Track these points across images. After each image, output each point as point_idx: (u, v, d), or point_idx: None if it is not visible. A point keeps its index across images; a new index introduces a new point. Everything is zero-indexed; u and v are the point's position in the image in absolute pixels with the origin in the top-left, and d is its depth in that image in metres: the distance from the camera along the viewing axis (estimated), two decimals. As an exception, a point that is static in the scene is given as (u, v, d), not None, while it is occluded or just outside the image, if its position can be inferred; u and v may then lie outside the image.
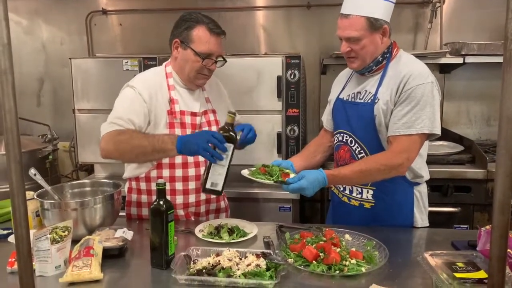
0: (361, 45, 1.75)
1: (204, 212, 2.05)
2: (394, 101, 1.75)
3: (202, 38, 1.87)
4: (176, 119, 1.93)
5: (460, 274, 1.25)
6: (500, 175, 0.89)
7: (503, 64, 0.86)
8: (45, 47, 3.68)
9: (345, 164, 1.86)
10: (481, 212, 2.63)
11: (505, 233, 0.90)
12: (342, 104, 1.93)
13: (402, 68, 1.77)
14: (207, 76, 1.96)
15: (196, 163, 1.96)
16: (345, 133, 1.89)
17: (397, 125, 1.73)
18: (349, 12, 1.73)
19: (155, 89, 1.93)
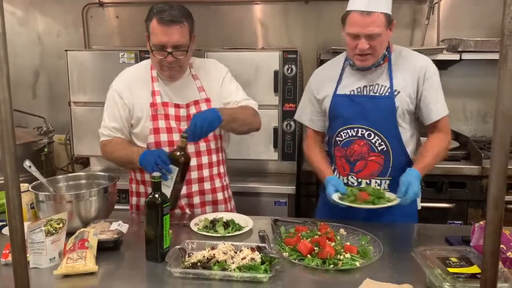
0: (379, 40, 1.77)
1: (198, 204, 2.02)
2: (416, 91, 1.86)
3: (153, 30, 1.83)
4: (159, 111, 1.93)
5: (453, 269, 1.26)
6: (495, 171, 0.89)
7: (499, 60, 0.86)
8: (41, 39, 3.66)
9: (361, 158, 1.90)
10: (475, 208, 2.65)
11: (498, 228, 0.90)
12: (349, 99, 1.91)
13: (413, 59, 1.89)
14: (171, 68, 1.88)
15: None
16: (359, 127, 1.88)
17: (437, 109, 1.87)
18: (370, 9, 1.72)
19: (137, 83, 1.97)
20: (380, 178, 1.91)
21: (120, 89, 1.98)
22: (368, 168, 1.90)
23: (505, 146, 0.88)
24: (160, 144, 1.93)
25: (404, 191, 1.69)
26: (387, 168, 1.89)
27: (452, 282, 1.20)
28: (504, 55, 0.86)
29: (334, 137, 1.97)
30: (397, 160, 1.88)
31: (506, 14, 0.85)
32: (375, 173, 1.91)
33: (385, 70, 1.88)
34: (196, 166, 1.97)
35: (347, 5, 1.81)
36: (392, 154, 1.88)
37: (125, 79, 2.01)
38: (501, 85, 0.86)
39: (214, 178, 2.03)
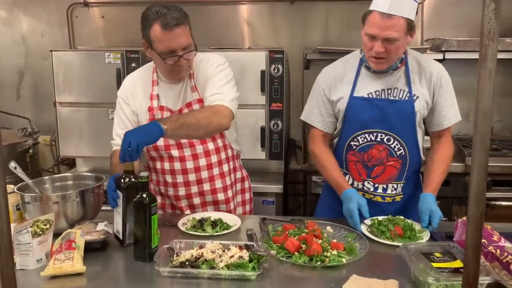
0: (396, 46, 1.72)
1: (199, 204, 2.02)
2: (432, 97, 1.86)
3: (158, 37, 1.74)
4: (156, 115, 1.91)
5: (437, 264, 1.29)
6: (475, 167, 0.92)
7: (479, 59, 0.88)
8: (25, 39, 3.61)
9: (379, 163, 1.88)
10: (460, 205, 2.70)
11: (479, 223, 0.93)
12: (368, 103, 1.86)
13: (426, 64, 1.87)
14: (181, 70, 1.85)
15: (182, 158, 1.95)
16: (378, 132, 1.86)
17: (448, 116, 1.88)
18: (393, 12, 1.65)
19: (138, 87, 1.96)
20: (397, 182, 1.91)
21: (124, 97, 1.97)
22: (386, 173, 1.90)
23: (485, 144, 0.90)
24: (158, 148, 1.93)
25: (427, 220, 1.68)
26: (403, 172, 1.90)
27: (435, 276, 1.23)
28: (483, 54, 0.88)
29: (348, 142, 1.91)
30: (412, 164, 1.90)
31: (485, 14, 0.87)
32: (392, 178, 1.90)
33: (403, 74, 1.86)
34: (193, 169, 1.96)
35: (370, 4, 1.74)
36: (409, 158, 1.89)
37: (128, 86, 1.99)
38: (481, 84, 0.89)
39: (214, 179, 2.00)
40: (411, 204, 1.91)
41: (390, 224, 1.69)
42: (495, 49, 0.88)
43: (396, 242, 1.60)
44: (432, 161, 1.89)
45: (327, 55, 2.94)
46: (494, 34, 0.88)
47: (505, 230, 1.55)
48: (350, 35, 3.23)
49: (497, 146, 2.98)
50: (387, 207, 1.91)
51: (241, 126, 2.74)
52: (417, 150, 1.90)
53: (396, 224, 1.69)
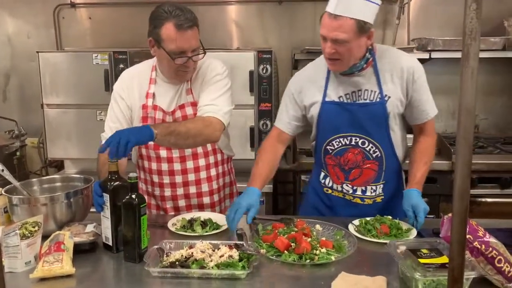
0: (347, 47, 1.68)
1: (184, 207, 2.02)
2: (406, 93, 1.82)
3: (171, 36, 1.73)
4: (149, 114, 1.91)
5: (424, 260, 1.31)
6: (459, 163, 0.93)
7: (462, 58, 0.90)
8: (11, 40, 3.58)
9: (356, 167, 1.88)
10: (447, 202, 2.73)
11: (464, 218, 0.94)
12: (339, 107, 1.84)
13: (397, 60, 1.82)
14: (186, 72, 1.84)
15: (170, 159, 1.95)
16: (352, 135, 1.85)
17: (427, 110, 1.86)
18: (339, 12, 1.63)
19: (134, 83, 1.94)
20: (376, 184, 1.91)
21: (120, 91, 1.95)
22: (364, 176, 1.89)
23: (469, 140, 0.92)
24: (148, 146, 1.93)
25: (412, 216, 1.69)
26: (381, 174, 1.89)
27: (422, 272, 1.24)
28: (466, 53, 0.90)
29: (325, 146, 1.91)
30: (389, 165, 1.89)
31: (467, 14, 0.90)
32: (370, 180, 1.90)
33: (372, 74, 1.82)
34: (180, 171, 1.96)
35: None
36: (386, 159, 1.87)
37: (125, 81, 1.97)
38: (463, 82, 0.91)
39: (201, 182, 2.00)
40: (393, 204, 1.90)
41: (376, 223, 1.71)
42: (477, 48, 0.90)
43: (382, 240, 1.62)
44: (414, 153, 1.90)
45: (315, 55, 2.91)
46: (476, 33, 0.90)
47: (490, 226, 1.58)
48: (338, 35, 3.25)
49: (483, 143, 3.03)
50: (367, 209, 1.91)
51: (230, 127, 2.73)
52: (393, 150, 1.88)
53: (383, 223, 1.71)
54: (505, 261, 1.27)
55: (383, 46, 1.91)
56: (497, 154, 2.83)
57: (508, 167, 2.68)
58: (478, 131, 3.38)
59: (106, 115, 2.00)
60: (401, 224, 1.72)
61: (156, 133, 1.62)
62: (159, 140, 1.66)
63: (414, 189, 1.78)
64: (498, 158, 2.75)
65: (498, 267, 1.27)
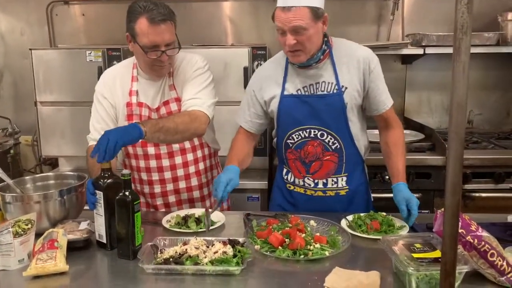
0: (308, 35, 1.71)
1: (174, 202, 2.03)
2: (363, 84, 1.84)
3: (143, 30, 1.75)
4: (134, 111, 1.92)
5: (417, 255, 1.31)
6: (451, 158, 0.94)
7: (453, 53, 0.90)
8: (4, 38, 3.56)
9: (316, 159, 1.88)
10: (441, 198, 2.74)
11: (456, 212, 0.95)
12: (298, 100, 1.86)
13: (353, 52, 1.85)
14: (162, 66, 1.85)
15: (158, 155, 1.96)
16: (311, 128, 1.86)
17: (383, 100, 1.88)
18: (291, 4, 1.67)
19: (116, 82, 1.95)
20: (337, 176, 1.91)
21: (100, 89, 1.96)
22: (324, 168, 1.90)
23: (460, 135, 0.92)
24: (135, 144, 1.92)
25: (405, 210, 1.70)
26: (341, 165, 1.90)
27: (416, 266, 1.25)
28: (457, 47, 0.90)
29: (285, 140, 1.93)
30: (349, 156, 1.90)
31: (458, 9, 0.89)
32: (331, 172, 1.91)
33: (329, 66, 1.84)
34: (169, 166, 1.97)
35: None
36: (345, 151, 1.88)
37: (106, 80, 1.98)
38: (455, 77, 0.91)
39: (190, 177, 2.02)
40: (357, 196, 1.91)
41: (367, 219, 1.72)
42: (468, 42, 0.90)
43: (372, 236, 1.63)
44: (387, 146, 1.91)
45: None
46: (467, 28, 0.89)
47: (484, 221, 1.59)
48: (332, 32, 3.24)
49: (477, 139, 3.04)
50: (330, 201, 1.92)
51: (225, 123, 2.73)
52: (352, 141, 1.89)
53: (374, 219, 1.72)
54: (498, 255, 1.28)
55: (338, 39, 1.92)
56: (491, 149, 2.84)
57: (502, 162, 2.69)
58: (472, 127, 3.39)
59: None
60: (393, 221, 1.72)
61: (145, 131, 1.61)
62: (148, 137, 1.65)
63: (402, 182, 1.80)
64: (492, 153, 2.76)
65: (490, 261, 1.28)
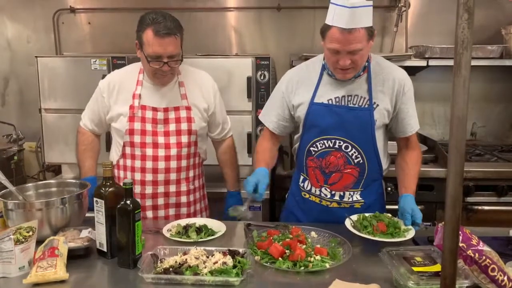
0: (361, 55, 1.73)
1: (162, 205, 2.07)
2: (394, 104, 1.86)
3: (149, 41, 1.87)
4: (136, 113, 1.99)
5: (418, 268, 1.31)
6: (452, 172, 0.94)
7: (454, 67, 0.91)
8: (11, 45, 3.59)
9: (336, 170, 1.88)
10: (443, 210, 2.71)
11: (456, 227, 0.95)
12: (327, 109, 1.86)
13: (390, 71, 1.88)
14: (164, 76, 1.96)
15: (155, 157, 2.02)
16: (337, 138, 1.85)
17: (411, 124, 1.91)
18: (352, 26, 1.64)
19: (121, 84, 2.04)
20: (354, 190, 1.91)
21: (103, 89, 2.06)
22: (343, 180, 1.89)
23: (461, 149, 0.92)
24: (134, 145, 2.01)
25: (410, 219, 1.70)
26: (361, 180, 1.89)
27: (416, 280, 1.24)
28: (458, 62, 0.91)
29: (308, 147, 1.92)
30: (370, 173, 1.89)
31: (459, 24, 0.90)
32: (349, 186, 1.90)
33: (365, 81, 1.85)
34: (164, 169, 2.03)
35: (326, 16, 1.71)
36: (368, 167, 1.87)
37: (110, 80, 2.07)
38: (455, 91, 0.92)
39: (180, 182, 2.08)
40: (371, 210, 1.88)
41: (373, 220, 1.71)
42: (468, 57, 0.90)
43: (377, 238, 1.62)
44: (406, 164, 1.92)
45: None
46: (468, 43, 0.90)
47: (486, 234, 1.59)
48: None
49: (480, 151, 3.03)
50: (344, 213, 1.88)
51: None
52: (377, 158, 1.89)
53: (380, 221, 1.70)
54: (499, 270, 1.27)
55: (377, 56, 1.94)
56: (494, 162, 2.83)
57: (505, 175, 2.68)
58: (476, 139, 3.38)
59: None
60: (399, 223, 1.71)
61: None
62: None
63: (411, 194, 1.80)
64: (495, 166, 2.75)
65: (491, 276, 1.27)
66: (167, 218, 2.09)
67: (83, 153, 2.15)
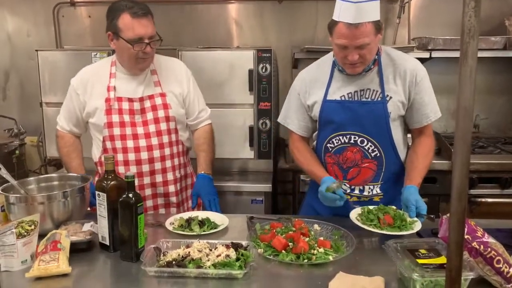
0: (369, 49, 1.72)
1: (150, 196, 2.07)
2: (408, 95, 1.84)
3: (127, 25, 1.89)
4: (113, 106, 2.00)
5: (422, 260, 1.30)
6: (457, 163, 0.92)
7: (460, 57, 0.89)
8: (11, 38, 3.58)
9: (354, 165, 1.88)
10: (447, 202, 2.72)
11: (462, 219, 0.94)
12: (340, 105, 1.86)
13: (401, 62, 1.85)
14: (146, 59, 1.97)
15: (137, 149, 2.02)
16: (352, 134, 1.85)
17: (427, 113, 1.87)
18: (359, 20, 1.64)
19: (94, 79, 2.05)
20: (373, 183, 1.90)
21: (76, 86, 2.06)
22: (362, 175, 1.89)
23: (467, 140, 0.91)
24: (114, 138, 2.01)
25: (415, 210, 1.67)
26: (380, 174, 1.89)
27: (420, 272, 1.23)
28: (464, 52, 0.89)
29: (325, 144, 1.92)
30: (389, 165, 1.89)
31: (466, 12, 0.88)
32: (368, 180, 1.89)
33: (376, 74, 1.84)
34: (147, 160, 2.03)
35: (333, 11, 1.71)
36: (385, 160, 1.87)
37: (83, 76, 2.08)
38: (462, 81, 0.90)
39: (166, 171, 2.08)
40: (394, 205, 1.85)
41: (380, 213, 1.70)
42: (475, 46, 0.89)
43: (385, 231, 1.60)
44: (416, 155, 1.88)
45: (315, 54, 2.94)
46: (475, 32, 0.88)
47: (490, 226, 1.58)
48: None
49: (483, 143, 3.01)
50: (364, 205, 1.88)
51: (229, 126, 2.74)
52: (394, 150, 1.88)
53: (386, 213, 1.69)
54: (504, 262, 1.26)
55: (387, 48, 1.93)
56: (497, 154, 2.82)
57: (509, 167, 2.67)
58: (479, 131, 3.37)
59: None
60: (405, 216, 1.69)
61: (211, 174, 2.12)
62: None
63: (415, 186, 1.77)
64: (499, 158, 2.74)
65: (497, 267, 1.26)
66: (156, 209, 2.10)
67: (68, 155, 2.15)
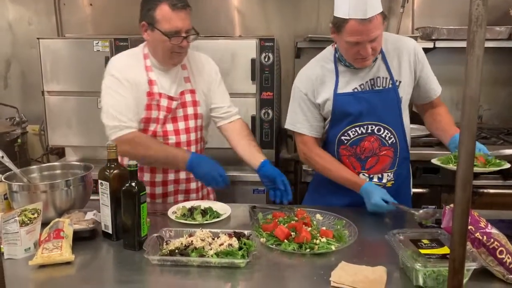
0: (379, 40, 1.73)
1: (172, 192, 2.05)
2: (414, 75, 1.88)
3: (166, 16, 1.80)
4: (153, 101, 1.92)
5: (425, 250, 1.30)
6: (463, 153, 0.92)
7: (467, 46, 0.88)
8: (12, 27, 3.55)
9: (372, 155, 1.88)
10: (449, 193, 2.72)
11: (466, 209, 0.93)
12: (354, 97, 1.84)
13: (399, 44, 1.87)
14: (181, 53, 1.89)
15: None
16: (369, 124, 1.85)
17: (434, 88, 1.94)
18: (370, 15, 1.63)
19: (134, 72, 1.92)
20: (390, 170, 1.91)
21: (120, 75, 1.89)
22: (380, 163, 1.89)
23: (472, 130, 0.90)
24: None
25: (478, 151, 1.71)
26: (396, 160, 1.90)
27: (423, 262, 1.24)
28: (471, 40, 0.88)
29: (338, 137, 1.89)
30: (401, 151, 1.90)
31: (473, 1, 0.87)
32: (386, 167, 1.89)
33: (381, 61, 1.85)
34: None
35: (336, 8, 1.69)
36: (399, 145, 1.89)
37: (123, 67, 1.92)
38: (468, 70, 0.89)
39: None
40: (401, 189, 1.91)
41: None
42: (482, 35, 0.88)
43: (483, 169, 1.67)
44: (440, 114, 1.96)
45: (318, 43, 2.92)
46: (482, 20, 0.87)
47: (492, 217, 1.57)
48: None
49: (486, 134, 3.00)
50: None
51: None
52: (404, 134, 1.91)
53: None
54: (507, 253, 1.27)
55: (384, 33, 1.87)
56: (500, 145, 2.81)
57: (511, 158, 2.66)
58: (482, 122, 3.35)
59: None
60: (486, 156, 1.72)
61: None
62: None
63: None
64: (501, 149, 2.72)
65: (499, 258, 1.26)
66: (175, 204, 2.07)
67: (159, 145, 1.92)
